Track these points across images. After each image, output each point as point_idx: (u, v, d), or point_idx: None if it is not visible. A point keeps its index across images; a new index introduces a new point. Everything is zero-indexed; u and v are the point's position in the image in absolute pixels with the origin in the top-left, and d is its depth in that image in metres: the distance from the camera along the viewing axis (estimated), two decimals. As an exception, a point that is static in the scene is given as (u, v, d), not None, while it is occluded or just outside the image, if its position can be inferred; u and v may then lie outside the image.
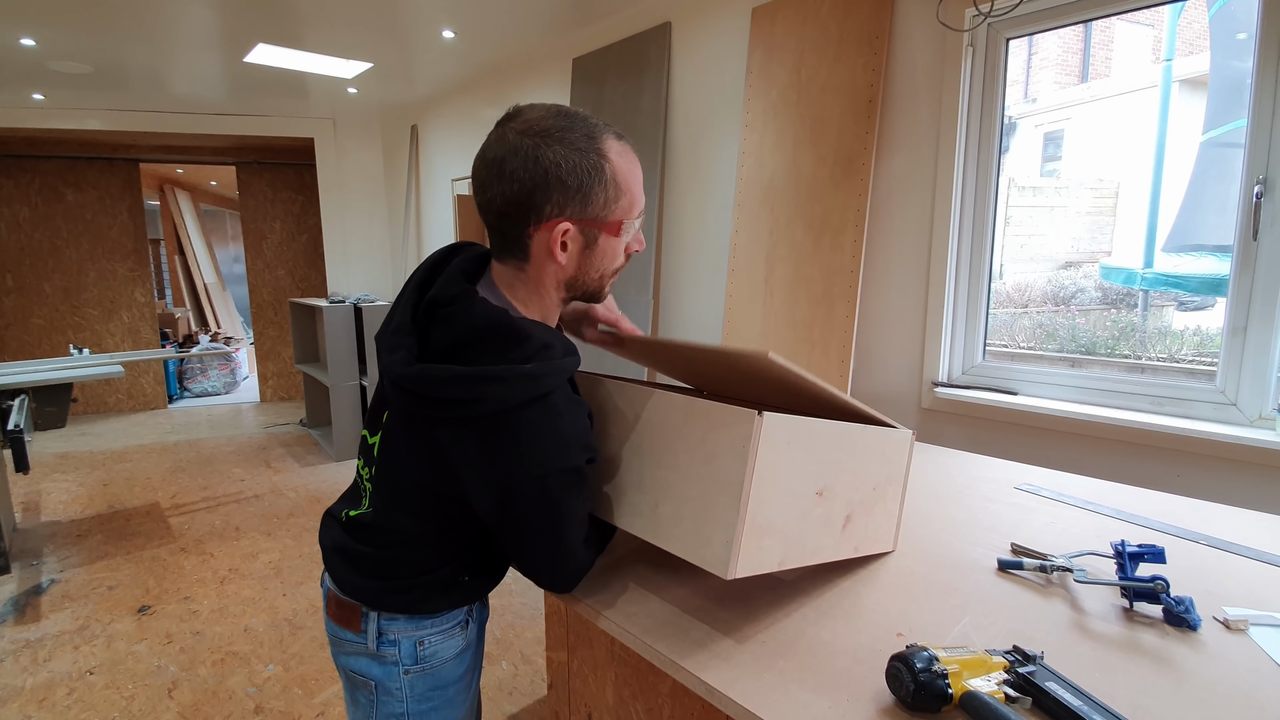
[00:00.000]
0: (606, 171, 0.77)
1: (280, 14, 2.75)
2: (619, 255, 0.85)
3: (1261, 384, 1.39)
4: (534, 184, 0.74)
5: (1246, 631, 0.80)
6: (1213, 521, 1.14)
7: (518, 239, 0.79)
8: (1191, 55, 4.88)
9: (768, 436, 0.71)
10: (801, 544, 0.82)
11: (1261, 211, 1.36)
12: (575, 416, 0.79)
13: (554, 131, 0.75)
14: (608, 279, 0.87)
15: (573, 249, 0.80)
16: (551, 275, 0.82)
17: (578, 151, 0.75)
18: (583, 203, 0.77)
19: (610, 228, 0.81)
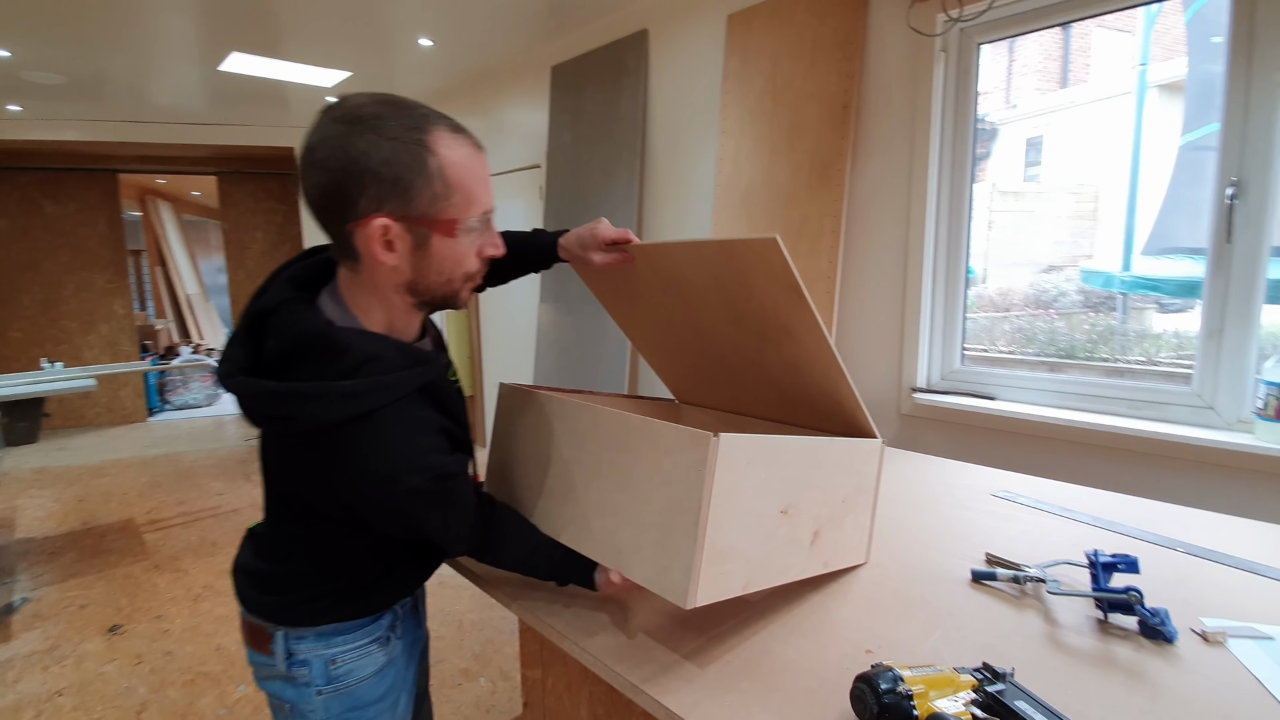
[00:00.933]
0: (431, 165, 0.69)
1: (255, 23, 2.72)
2: (465, 258, 0.77)
3: (1238, 387, 1.38)
4: (344, 175, 0.67)
5: (1225, 644, 0.78)
6: (1191, 528, 1.12)
7: (340, 237, 0.73)
8: (1169, 60, 4.93)
9: (725, 459, 0.68)
10: (767, 565, 0.79)
11: (1235, 214, 1.36)
12: (408, 436, 0.73)
13: (368, 119, 0.67)
14: (458, 284, 0.79)
15: (401, 249, 0.72)
16: (387, 279, 0.74)
17: (393, 141, 0.67)
18: (403, 198, 0.69)
19: (442, 228, 0.72)
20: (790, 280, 0.81)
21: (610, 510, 0.79)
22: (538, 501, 0.92)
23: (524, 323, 3.39)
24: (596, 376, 2.63)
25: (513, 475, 0.98)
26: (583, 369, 2.71)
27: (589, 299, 2.70)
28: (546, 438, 0.91)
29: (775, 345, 0.94)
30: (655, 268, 0.97)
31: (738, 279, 0.88)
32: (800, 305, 0.83)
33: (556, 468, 0.89)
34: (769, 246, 0.79)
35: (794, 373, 0.96)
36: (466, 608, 2.43)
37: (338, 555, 0.84)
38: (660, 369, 1.22)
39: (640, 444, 0.76)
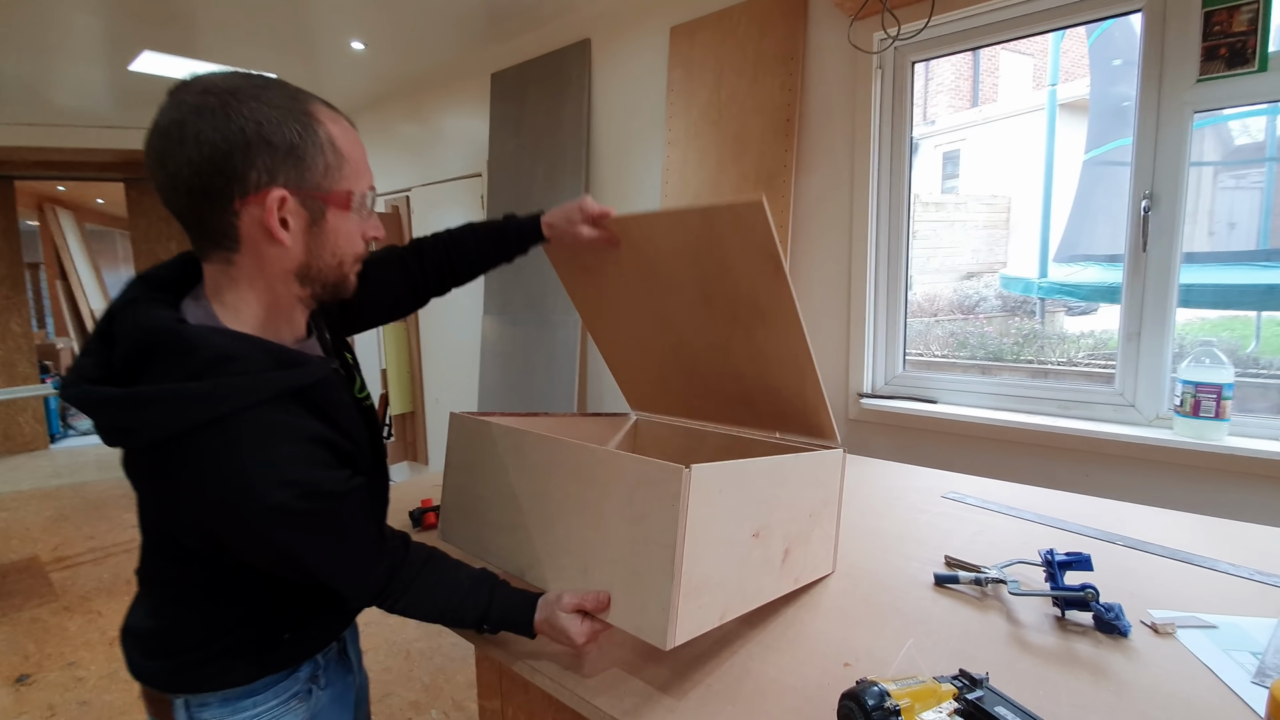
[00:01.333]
0: (320, 134, 0.65)
1: (170, 20, 2.54)
2: (356, 237, 0.72)
3: (1156, 385, 1.48)
4: (230, 146, 0.60)
5: (1174, 635, 0.82)
6: (1128, 521, 1.19)
7: (220, 222, 0.63)
8: (1069, 81, 5.32)
9: (698, 490, 0.66)
10: (742, 591, 0.78)
11: (1149, 224, 1.46)
12: (267, 444, 0.62)
13: (247, 89, 0.62)
14: (348, 266, 0.73)
15: (295, 226, 0.65)
16: (276, 265, 0.66)
17: (280, 109, 0.62)
18: (298, 167, 0.64)
19: (338, 199, 0.68)
20: (770, 248, 0.79)
21: (579, 548, 0.76)
22: (501, 538, 0.88)
23: (467, 336, 3.30)
24: (544, 390, 2.58)
25: (472, 511, 0.93)
26: (529, 382, 2.66)
27: (535, 310, 2.65)
28: (506, 471, 0.87)
29: (746, 329, 0.91)
30: (635, 244, 0.94)
31: (717, 251, 0.86)
32: (777, 279, 0.81)
33: (519, 503, 0.84)
34: (753, 209, 0.77)
35: (760, 363, 0.94)
36: (413, 635, 2.32)
37: (226, 603, 0.72)
38: (619, 369, 1.19)
39: (607, 477, 0.73)
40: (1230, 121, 3.54)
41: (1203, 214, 4.62)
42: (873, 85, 1.77)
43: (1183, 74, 1.39)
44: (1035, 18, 1.57)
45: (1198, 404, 1.36)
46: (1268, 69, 1.31)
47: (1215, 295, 2.70)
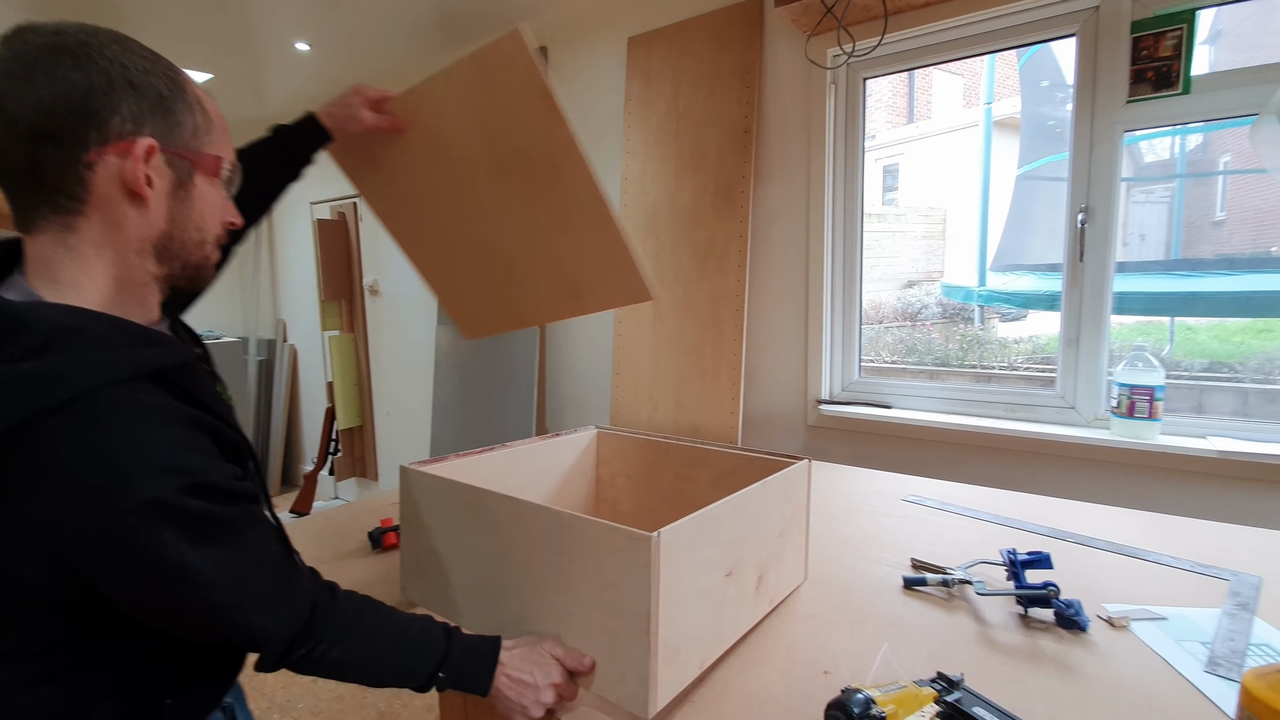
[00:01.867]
0: (189, 91, 0.59)
1: (95, 15, 2.39)
2: (220, 212, 0.64)
3: (1094, 388, 1.56)
4: (90, 86, 0.52)
5: (1129, 628, 0.86)
6: (1075, 519, 1.24)
7: (64, 175, 0.53)
8: (1000, 100, 5.60)
9: (668, 553, 0.65)
10: (719, 633, 0.78)
11: (1085, 236, 1.54)
12: (137, 425, 0.50)
13: (104, 33, 0.55)
14: (210, 246, 0.64)
15: (161, 188, 0.57)
16: (132, 231, 0.56)
17: (145, 59, 0.56)
18: (166, 120, 0.56)
19: (207, 164, 0.60)
20: (538, 86, 0.76)
21: (550, 615, 0.74)
22: (470, 601, 0.84)
23: (420, 346, 3.21)
24: (502, 401, 2.53)
25: (436, 571, 0.89)
26: (487, 394, 2.60)
27: (490, 320, 2.60)
28: (467, 531, 0.82)
29: (544, 191, 0.87)
30: (421, 123, 0.89)
31: (494, 102, 0.82)
32: (555, 121, 0.78)
33: (484, 566, 0.80)
34: (514, 44, 0.74)
35: (568, 231, 0.88)
36: (365, 659, 2.22)
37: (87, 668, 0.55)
38: (446, 294, 1.10)
39: (574, 543, 0.70)
40: (1141, 141, 3.80)
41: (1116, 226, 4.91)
42: (827, 100, 1.82)
43: (1113, 95, 1.47)
44: (977, 39, 1.65)
45: (1133, 405, 1.44)
46: (1190, 91, 1.41)
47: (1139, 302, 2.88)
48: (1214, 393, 1.78)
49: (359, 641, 0.64)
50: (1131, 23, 1.45)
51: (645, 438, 1.18)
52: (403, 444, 3.46)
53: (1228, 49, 3.52)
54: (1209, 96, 1.39)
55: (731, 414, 1.92)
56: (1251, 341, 3.75)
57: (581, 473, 1.22)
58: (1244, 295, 2.65)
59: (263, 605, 0.57)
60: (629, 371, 2.16)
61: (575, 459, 1.20)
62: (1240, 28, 3.41)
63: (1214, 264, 3.73)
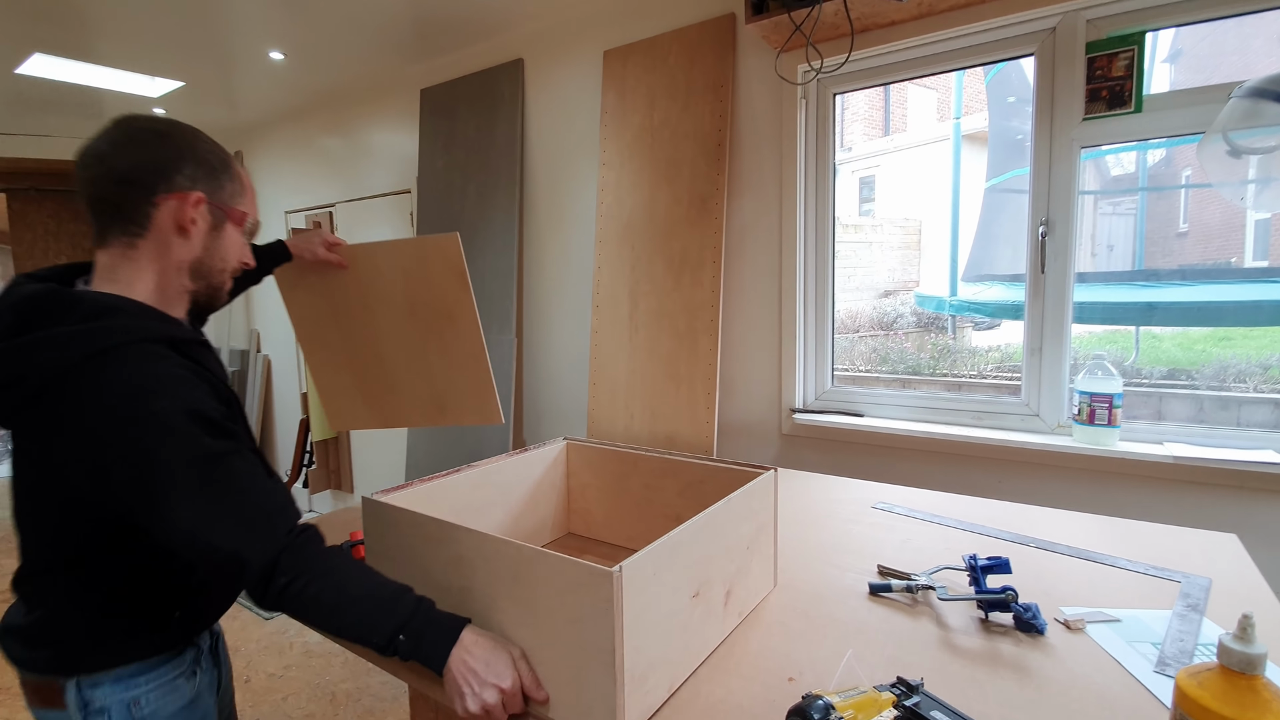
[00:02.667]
0: (233, 167, 0.85)
1: (64, 21, 2.36)
2: (238, 253, 0.87)
3: (1057, 396, 1.60)
4: (168, 153, 0.78)
5: (1084, 630, 0.88)
6: (1037, 524, 1.27)
7: (137, 209, 0.77)
8: (970, 115, 5.74)
9: (631, 586, 0.66)
10: (687, 652, 0.79)
11: (1046, 248, 1.58)
12: (156, 366, 0.71)
13: (183, 126, 0.82)
14: (228, 276, 0.88)
15: (201, 227, 0.81)
16: (175, 254, 0.80)
17: (208, 144, 0.83)
18: (215, 183, 0.81)
19: (236, 216, 0.85)
20: (460, 268, 1.04)
21: (524, 648, 0.74)
22: None
23: (393, 356, 3.18)
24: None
25: None
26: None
27: (467, 330, 2.60)
28: (430, 562, 0.83)
29: (439, 334, 1.12)
30: (359, 267, 1.15)
31: (422, 271, 1.09)
32: (464, 290, 1.05)
33: (451, 597, 0.80)
34: (451, 241, 1.05)
35: (447, 360, 1.14)
36: (339, 677, 2.19)
37: (118, 585, 0.77)
38: (326, 391, 1.34)
39: (536, 577, 0.71)
40: (1107, 155, 3.92)
41: (1085, 237, 5.04)
42: (798, 114, 1.85)
43: (1070, 113, 1.53)
44: (942, 57, 1.70)
45: (1093, 413, 1.49)
46: (1143, 110, 1.46)
47: (1103, 312, 2.96)
48: (1172, 400, 1.84)
49: (337, 582, 0.71)
50: (1086, 43, 1.50)
51: (614, 449, 1.19)
52: (379, 455, 3.42)
53: (1186, 69, 3.65)
54: (1160, 115, 1.45)
55: (707, 423, 1.94)
56: (1212, 349, 3.87)
57: (552, 485, 1.23)
58: (1200, 305, 2.74)
59: (242, 526, 0.70)
60: (605, 382, 2.17)
61: (544, 471, 1.20)
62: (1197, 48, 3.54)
63: (1171, 274, 3.85)
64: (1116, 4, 1.46)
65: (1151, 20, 1.45)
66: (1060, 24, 1.52)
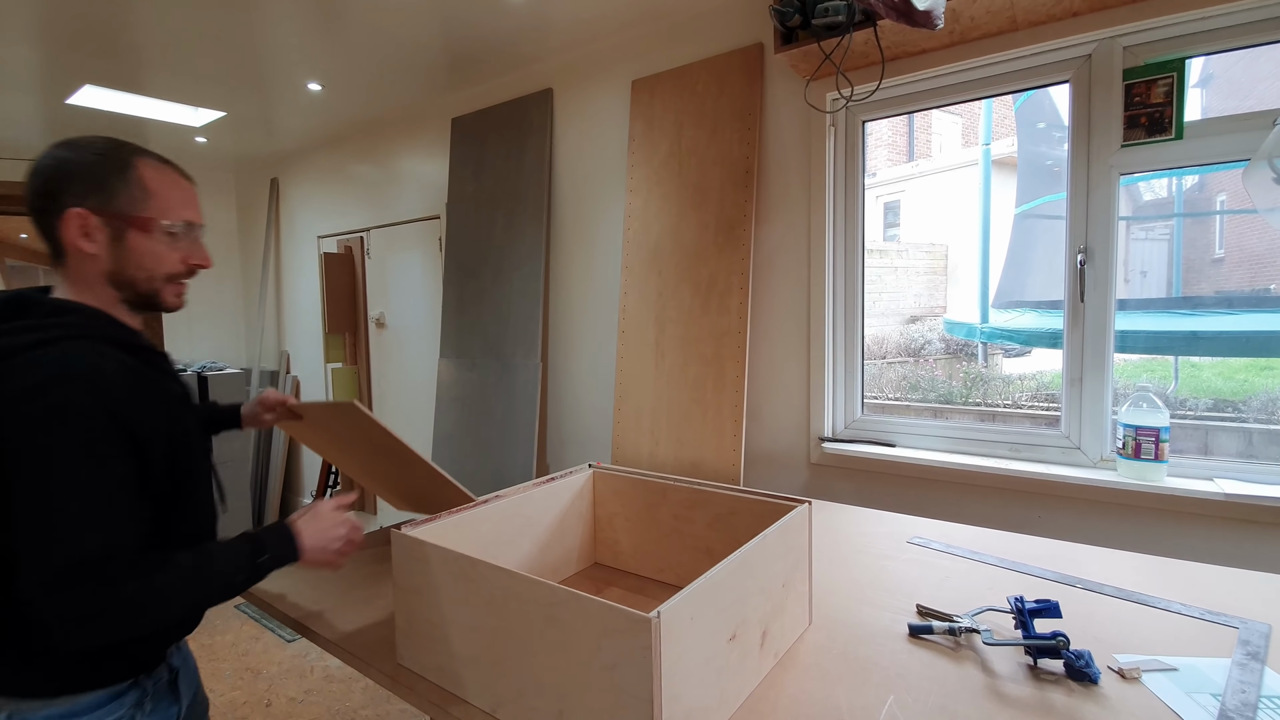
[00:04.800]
0: (130, 174, 0.84)
1: (114, 55, 2.46)
2: (164, 258, 0.87)
3: (1099, 429, 1.55)
4: (49, 176, 0.81)
5: (1140, 679, 0.84)
6: (1082, 563, 1.22)
7: (50, 237, 0.82)
8: (998, 140, 5.70)
9: (669, 632, 0.65)
10: (724, 697, 0.76)
11: (1085, 277, 1.55)
12: (90, 355, 0.75)
13: (83, 142, 0.84)
14: (159, 282, 0.88)
15: (100, 239, 0.83)
16: (90, 268, 0.84)
17: (96, 154, 0.83)
18: (103, 195, 0.82)
19: (138, 224, 0.84)
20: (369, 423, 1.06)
21: (550, 690, 0.73)
22: (468, 672, 0.82)
23: (421, 379, 3.21)
24: (503, 435, 2.52)
25: (431, 640, 0.87)
26: (488, 428, 2.59)
27: (494, 354, 2.61)
28: (463, 599, 0.81)
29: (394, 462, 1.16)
30: (311, 417, 1.19)
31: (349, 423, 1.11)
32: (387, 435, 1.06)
33: (482, 636, 0.79)
34: (349, 408, 1.05)
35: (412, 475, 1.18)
36: (359, 703, 2.17)
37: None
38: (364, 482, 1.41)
39: (572, 619, 0.69)
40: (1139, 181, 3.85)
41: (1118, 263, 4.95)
42: (827, 141, 1.85)
43: (1108, 140, 1.50)
44: (973, 85, 1.69)
45: (1139, 446, 1.43)
46: (1184, 137, 1.43)
47: (1143, 341, 2.88)
48: (1219, 433, 1.77)
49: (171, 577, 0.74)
50: (1123, 70, 1.48)
51: (642, 477, 1.17)
52: (403, 477, 3.43)
53: (1219, 94, 3.60)
54: (1202, 142, 1.42)
55: (733, 451, 1.91)
56: (1255, 379, 3.74)
57: (579, 515, 1.21)
58: (1244, 335, 2.65)
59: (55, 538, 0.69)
60: (630, 408, 2.16)
61: (571, 500, 1.19)
62: (1230, 72, 3.48)
63: (1213, 302, 3.74)
64: (1154, 30, 1.44)
65: (1190, 47, 1.42)
66: (1096, 51, 1.51)
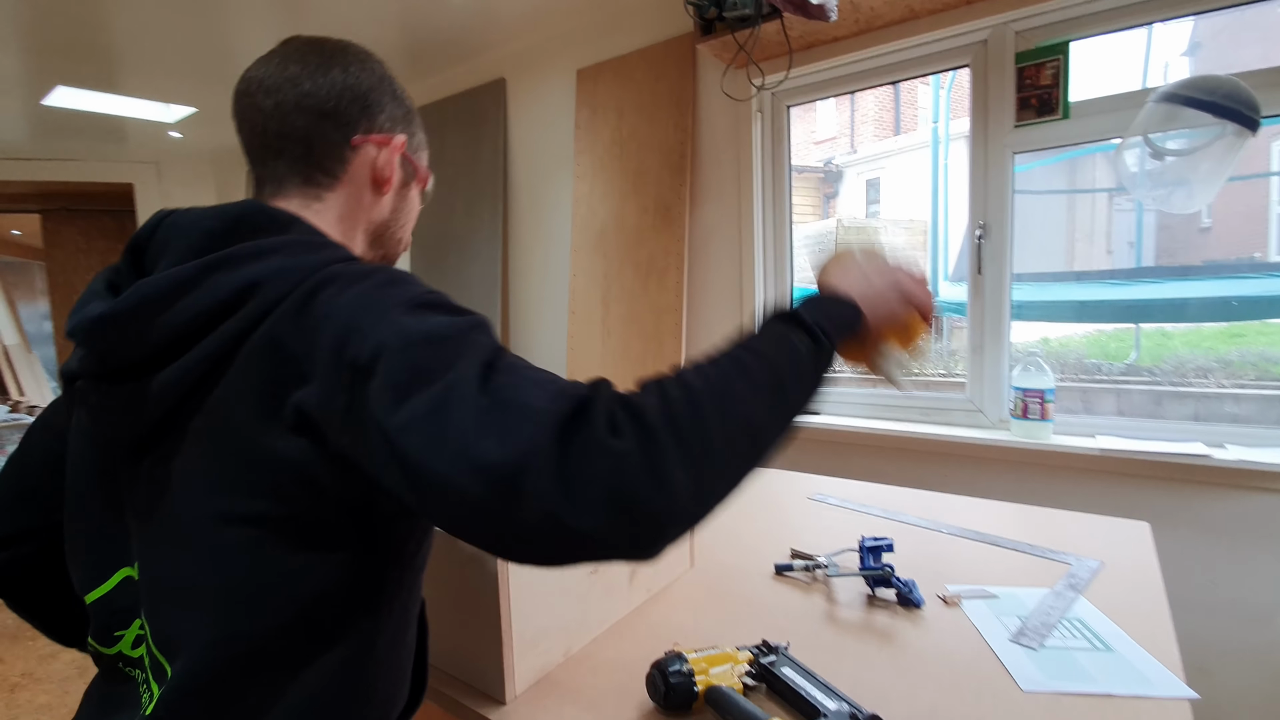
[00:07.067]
0: (417, 119, 0.69)
1: (86, 57, 2.55)
2: (413, 220, 0.71)
3: (997, 393, 1.67)
4: (373, 85, 0.62)
5: (960, 604, 0.96)
6: (959, 512, 1.34)
7: (333, 151, 0.60)
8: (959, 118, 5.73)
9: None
10: (585, 623, 0.88)
11: (982, 251, 1.65)
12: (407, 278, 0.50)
13: (372, 54, 0.65)
14: (401, 250, 0.71)
15: (394, 183, 0.64)
16: (365, 211, 0.63)
17: (397, 83, 0.66)
18: (410, 129, 0.66)
19: (423, 176, 0.70)
20: None
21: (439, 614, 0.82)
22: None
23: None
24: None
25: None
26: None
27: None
28: None
29: None
30: None
31: None
32: None
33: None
34: None
35: None
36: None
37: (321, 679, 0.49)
38: None
39: (446, 553, 0.80)
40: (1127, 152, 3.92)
41: (1100, 235, 5.03)
42: (753, 127, 1.94)
43: (1003, 120, 1.59)
44: (886, 70, 1.78)
45: (1026, 407, 1.55)
46: (1070, 116, 1.52)
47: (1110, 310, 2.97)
48: (1112, 395, 1.88)
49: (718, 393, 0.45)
50: (1015, 54, 1.57)
51: None
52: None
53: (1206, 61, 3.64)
54: (1087, 120, 1.51)
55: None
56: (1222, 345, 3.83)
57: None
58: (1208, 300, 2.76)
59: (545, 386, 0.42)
60: (581, 384, 2.28)
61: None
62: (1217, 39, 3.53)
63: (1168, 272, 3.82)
64: (1042, 15, 1.53)
65: (1075, 30, 1.51)
66: (991, 36, 1.59)
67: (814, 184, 8.08)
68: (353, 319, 0.44)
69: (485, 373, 0.41)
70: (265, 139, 0.60)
